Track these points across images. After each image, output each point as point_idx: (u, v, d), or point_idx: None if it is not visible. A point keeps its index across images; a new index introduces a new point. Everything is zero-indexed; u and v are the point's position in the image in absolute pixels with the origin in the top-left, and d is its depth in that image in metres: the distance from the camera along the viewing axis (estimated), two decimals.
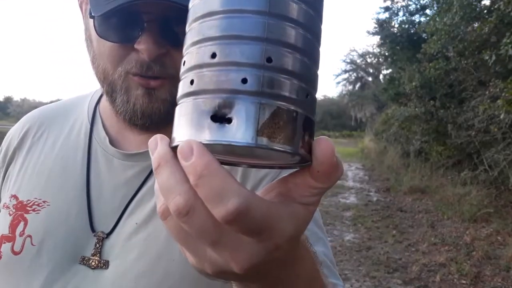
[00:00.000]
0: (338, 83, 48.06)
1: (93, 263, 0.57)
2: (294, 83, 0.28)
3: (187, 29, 0.31)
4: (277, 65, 0.28)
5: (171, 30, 0.53)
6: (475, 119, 7.10)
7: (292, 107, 0.28)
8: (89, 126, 0.66)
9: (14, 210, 0.62)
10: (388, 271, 4.33)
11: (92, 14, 0.53)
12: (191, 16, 0.31)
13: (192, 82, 0.28)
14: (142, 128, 0.61)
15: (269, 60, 0.27)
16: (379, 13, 16.61)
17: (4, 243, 0.60)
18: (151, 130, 0.60)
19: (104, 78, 0.59)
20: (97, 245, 0.58)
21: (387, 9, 15.28)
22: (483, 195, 6.68)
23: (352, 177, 12.72)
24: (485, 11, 7.12)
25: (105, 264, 0.57)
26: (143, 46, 0.53)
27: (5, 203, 0.65)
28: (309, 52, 0.29)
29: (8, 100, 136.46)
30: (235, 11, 0.28)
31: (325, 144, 0.28)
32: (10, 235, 0.60)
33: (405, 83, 10.34)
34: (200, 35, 0.29)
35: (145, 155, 0.62)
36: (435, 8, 9.82)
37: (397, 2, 14.34)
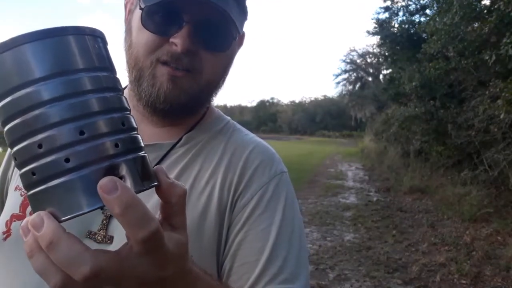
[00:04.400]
0: (338, 83, 48.01)
1: (98, 238, 0.61)
2: (132, 133, 0.37)
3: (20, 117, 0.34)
4: (127, 125, 0.36)
5: (204, 32, 0.61)
6: (475, 119, 7.10)
7: (140, 152, 0.37)
8: None
9: (24, 192, 0.65)
10: (388, 271, 4.33)
11: (141, 6, 0.61)
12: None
13: (67, 160, 0.33)
14: (161, 114, 0.68)
15: (123, 124, 0.36)
16: (379, 13, 16.61)
17: (15, 221, 0.64)
18: (167, 119, 0.69)
19: (135, 64, 0.65)
20: (104, 221, 0.62)
21: (387, 9, 15.27)
22: (483, 195, 6.68)
23: (352, 177, 12.72)
24: (485, 11, 7.12)
25: (109, 239, 0.61)
26: (178, 40, 0.60)
27: (17, 185, 0.69)
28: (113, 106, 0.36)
29: None
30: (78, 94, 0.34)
31: (159, 170, 0.38)
32: (20, 214, 0.65)
33: (405, 83, 10.34)
34: (57, 117, 0.33)
35: (156, 147, 0.68)
36: (435, 8, 9.82)
37: (397, 2, 14.33)
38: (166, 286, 0.39)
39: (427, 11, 12.55)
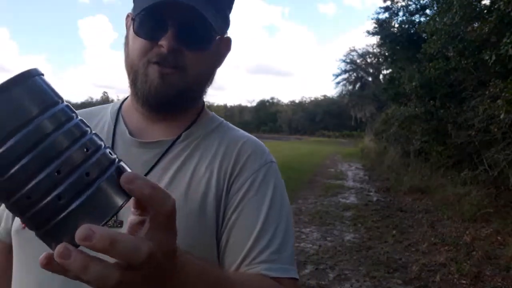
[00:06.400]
0: (338, 83, 47.96)
1: (110, 223, 0.67)
2: (97, 150, 0.40)
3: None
4: (91, 149, 0.39)
5: (186, 34, 0.71)
6: (475, 119, 7.10)
7: (113, 169, 0.40)
8: (111, 124, 0.82)
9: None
10: (388, 271, 4.33)
11: (132, 17, 0.73)
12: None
13: (60, 198, 0.36)
14: (155, 108, 0.77)
15: (87, 150, 0.38)
16: (379, 13, 16.61)
17: None
18: (162, 114, 0.78)
19: (131, 68, 0.75)
20: None
21: (387, 9, 15.29)
22: (483, 195, 6.69)
23: (352, 177, 12.72)
24: (485, 11, 7.12)
25: (120, 224, 0.69)
26: (164, 42, 0.70)
27: None
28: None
29: None
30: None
31: (127, 176, 0.41)
32: None
33: (405, 83, 10.34)
34: (35, 166, 0.36)
35: (158, 143, 0.77)
36: (435, 8, 9.83)
37: (397, 2, 14.34)
38: (176, 261, 0.45)
39: (427, 11, 12.56)
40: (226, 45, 0.82)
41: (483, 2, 7.50)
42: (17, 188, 0.35)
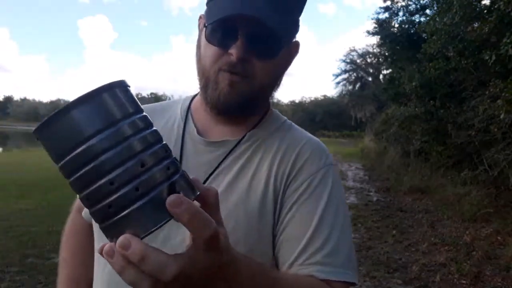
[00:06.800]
0: (338, 83, 47.95)
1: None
2: (174, 158, 0.46)
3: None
4: (169, 153, 0.45)
5: (255, 44, 0.73)
6: (475, 119, 7.10)
7: (181, 169, 0.46)
8: (181, 121, 0.86)
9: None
10: (388, 271, 4.33)
11: (205, 24, 0.76)
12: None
13: (137, 189, 0.41)
14: (223, 113, 0.80)
15: (166, 151, 0.45)
16: (379, 13, 16.63)
17: None
18: (230, 118, 0.82)
19: (203, 73, 0.79)
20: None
21: (387, 9, 15.29)
22: (483, 195, 6.68)
23: (352, 177, 12.72)
24: (485, 11, 7.11)
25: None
26: (234, 50, 0.72)
27: None
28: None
29: (8, 100, 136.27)
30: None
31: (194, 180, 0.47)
32: None
33: (405, 83, 10.33)
34: (120, 159, 0.41)
35: (224, 143, 0.81)
36: (435, 8, 9.83)
37: (397, 2, 14.33)
38: (223, 271, 0.49)
39: (427, 11, 12.56)
40: (294, 49, 0.84)
41: (483, 2, 7.50)
42: (106, 172, 0.40)
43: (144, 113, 0.45)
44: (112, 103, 0.41)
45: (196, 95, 0.90)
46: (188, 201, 0.42)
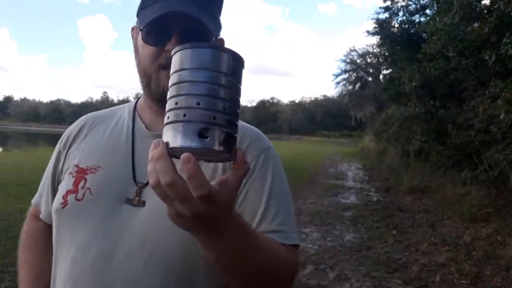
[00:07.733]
0: (338, 83, 47.95)
1: (134, 202, 0.84)
2: (232, 120, 0.55)
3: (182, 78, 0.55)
4: (228, 112, 0.54)
5: (188, 38, 0.80)
6: (475, 119, 7.10)
7: (230, 131, 0.54)
8: (130, 120, 0.96)
9: (76, 174, 0.90)
10: (388, 271, 4.33)
11: (140, 28, 0.83)
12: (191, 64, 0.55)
13: (184, 115, 0.52)
14: None
15: (224, 109, 0.54)
16: (379, 13, 16.60)
17: (70, 194, 0.88)
18: None
19: (144, 73, 0.86)
20: (138, 191, 0.85)
21: (387, 9, 15.26)
22: (483, 195, 6.68)
23: (352, 177, 12.72)
24: (485, 11, 7.12)
25: (143, 203, 0.83)
26: (170, 46, 0.79)
27: (70, 172, 0.92)
28: (236, 99, 0.56)
29: (8, 100, 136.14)
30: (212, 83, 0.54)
31: (239, 149, 0.56)
32: (73, 189, 0.88)
33: (405, 83, 10.34)
34: (191, 91, 0.54)
35: None
36: (435, 8, 9.82)
37: (397, 2, 14.32)
38: (216, 222, 0.57)
39: (427, 11, 12.54)
40: (221, 44, 0.92)
41: (483, 2, 7.50)
42: (178, 95, 0.53)
43: (239, 84, 0.57)
44: (220, 59, 0.54)
45: (139, 98, 1.00)
46: (194, 163, 0.50)
